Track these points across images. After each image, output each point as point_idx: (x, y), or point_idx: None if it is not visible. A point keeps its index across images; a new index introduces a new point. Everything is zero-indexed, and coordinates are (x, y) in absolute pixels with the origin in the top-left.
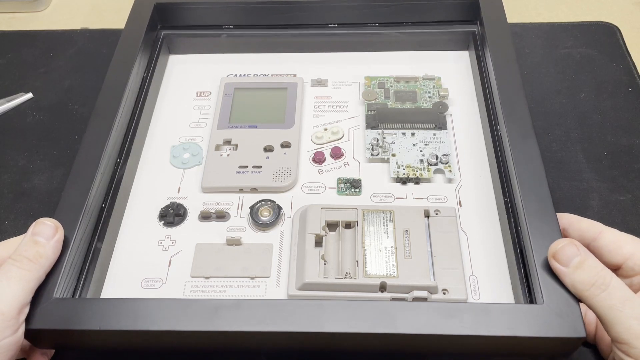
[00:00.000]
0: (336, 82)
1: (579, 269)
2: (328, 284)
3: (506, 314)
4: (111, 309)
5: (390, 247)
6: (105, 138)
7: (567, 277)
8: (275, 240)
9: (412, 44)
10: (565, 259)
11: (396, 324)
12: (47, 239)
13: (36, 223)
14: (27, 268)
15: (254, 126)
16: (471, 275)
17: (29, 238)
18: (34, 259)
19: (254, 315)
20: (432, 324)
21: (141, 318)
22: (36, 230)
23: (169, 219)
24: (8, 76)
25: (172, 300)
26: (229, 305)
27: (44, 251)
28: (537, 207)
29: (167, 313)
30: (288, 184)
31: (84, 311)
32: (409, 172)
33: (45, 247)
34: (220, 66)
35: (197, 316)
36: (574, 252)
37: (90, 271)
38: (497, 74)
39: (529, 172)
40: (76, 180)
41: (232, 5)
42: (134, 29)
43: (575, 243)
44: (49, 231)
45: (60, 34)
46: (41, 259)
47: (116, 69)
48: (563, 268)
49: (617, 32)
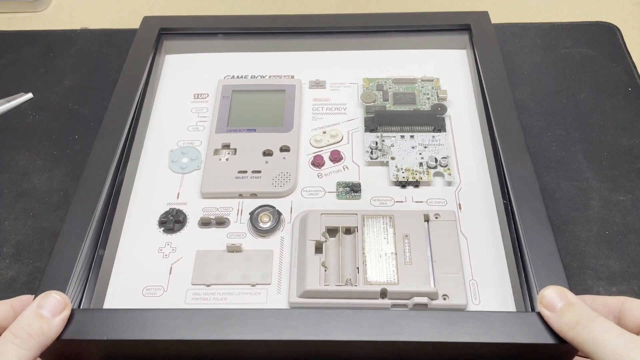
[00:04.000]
0: (334, 83)
1: (565, 313)
2: (329, 292)
3: (506, 321)
4: (116, 319)
5: (390, 253)
6: (114, 149)
7: (554, 322)
8: (275, 246)
9: (410, 43)
10: (550, 304)
11: (398, 332)
12: (53, 314)
13: (45, 295)
14: (27, 347)
15: (252, 130)
16: (471, 280)
17: (34, 310)
18: (35, 335)
19: (259, 324)
20: (434, 331)
21: (146, 328)
22: (44, 303)
23: (169, 225)
24: (8, 76)
25: (177, 310)
26: (235, 315)
27: (47, 329)
28: (529, 210)
29: (172, 322)
30: (287, 189)
31: (91, 321)
32: (408, 176)
33: (50, 323)
34: (217, 67)
35: (202, 325)
36: (559, 296)
37: (93, 280)
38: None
39: (519, 172)
40: (85, 190)
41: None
42: (140, 52)
43: (561, 289)
44: (57, 307)
45: (60, 34)
46: (43, 336)
47: (124, 87)
48: (549, 313)
49: (617, 32)
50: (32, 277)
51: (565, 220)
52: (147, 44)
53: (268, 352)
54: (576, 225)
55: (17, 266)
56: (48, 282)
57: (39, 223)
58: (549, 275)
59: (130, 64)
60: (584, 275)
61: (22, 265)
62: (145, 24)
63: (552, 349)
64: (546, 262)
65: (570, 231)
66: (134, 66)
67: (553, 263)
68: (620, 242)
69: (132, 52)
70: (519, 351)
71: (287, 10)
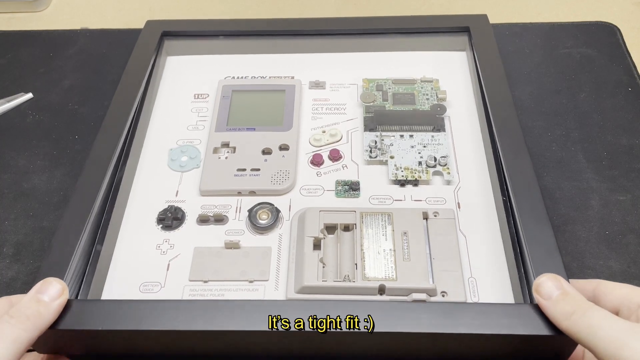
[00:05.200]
0: (334, 84)
1: (560, 301)
2: (327, 287)
3: (505, 312)
4: (112, 309)
5: (389, 250)
6: (114, 148)
7: (549, 310)
8: (273, 243)
9: (410, 44)
10: (546, 292)
11: (397, 324)
12: (51, 299)
13: (43, 282)
14: (23, 327)
15: (252, 129)
16: (470, 277)
17: (33, 295)
18: (32, 317)
19: (254, 315)
20: (432, 323)
21: (143, 318)
22: (41, 289)
23: (167, 222)
24: (8, 76)
25: (173, 301)
26: (231, 306)
27: (45, 311)
28: (529, 206)
29: (169, 313)
30: (286, 187)
31: (87, 312)
32: (407, 174)
33: (47, 307)
34: (217, 68)
35: (198, 316)
36: (555, 286)
37: (90, 275)
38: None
39: (519, 171)
40: (84, 186)
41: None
42: (141, 55)
43: (557, 277)
44: (55, 292)
45: (60, 34)
46: (40, 318)
47: (126, 88)
48: (545, 301)
49: (617, 32)
50: (32, 277)
51: (565, 220)
52: (150, 47)
53: (265, 345)
54: (576, 225)
55: (17, 266)
56: (45, 272)
57: (38, 223)
58: (548, 270)
59: (132, 66)
60: (584, 275)
61: (22, 265)
62: (148, 28)
63: (550, 340)
64: (545, 257)
65: (570, 231)
66: (136, 67)
67: (552, 258)
68: (620, 242)
69: (134, 55)
70: (516, 343)
71: (287, 11)
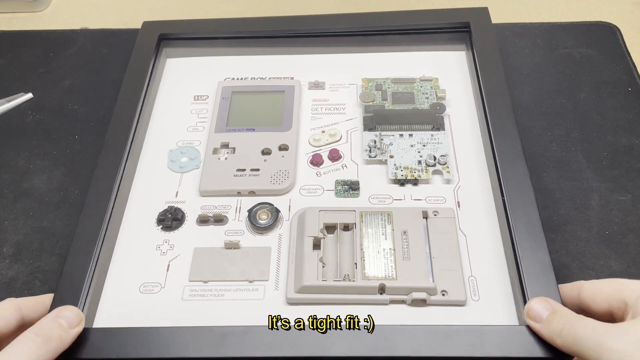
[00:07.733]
0: (333, 84)
1: (552, 321)
2: (327, 287)
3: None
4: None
5: (388, 249)
6: (118, 162)
7: (542, 332)
8: (273, 243)
9: (409, 44)
10: (537, 315)
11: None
12: (70, 326)
13: (64, 307)
14: (45, 348)
15: (251, 129)
16: (470, 276)
17: (55, 317)
18: (55, 340)
19: (261, 341)
20: (430, 345)
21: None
22: (63, 314)
23: (167, 223)
24: (8, 76)
25: (181, 328)
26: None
27: (65, 337)
28: (523, 215)
29: (177, 340)
30: (286, 187)
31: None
32: (407, 174)
33: (67, 333)
34: (217, 69)
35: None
36: (544, 307)
37: (89, 275)
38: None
39: (512, 170)
40: (95, 195)
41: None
42: (140, 58)
43: (545, 299)
44: (74, 320)
45: (60, 34)
46: (60, 343)
47: (125, 95)
48: (537, 324)
49: (617, 32)
50: (32, 277)
51: (565, 220)
52: (147, 50)
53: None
54: (576, 225)
55: (17, 266)
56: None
57: (38, 223)
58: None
59: (131, 70)
60: (584, 276)
61: (22, 265)
62: (145, 30)
63: None
64: (538, 274)
65: (570, 231)
66: (135, 72)
67: (545, 275)
68: (620, 242)
69: (133, 58)
70: None
71: (285, 9)
